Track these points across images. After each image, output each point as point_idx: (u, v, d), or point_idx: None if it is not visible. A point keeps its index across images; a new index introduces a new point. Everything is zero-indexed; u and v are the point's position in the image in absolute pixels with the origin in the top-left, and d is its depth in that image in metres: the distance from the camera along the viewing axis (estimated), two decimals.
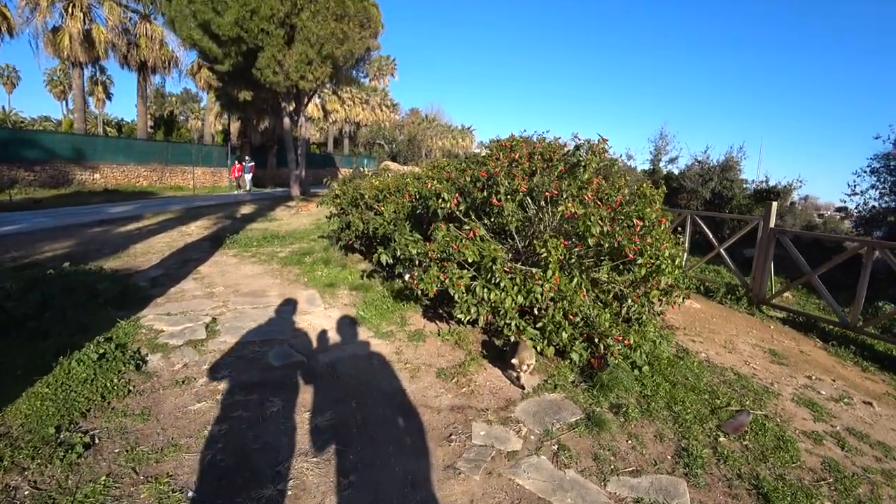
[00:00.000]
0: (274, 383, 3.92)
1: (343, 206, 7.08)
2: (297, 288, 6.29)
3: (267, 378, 3.99)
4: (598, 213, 4.63)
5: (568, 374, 4.40)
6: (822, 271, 6.11)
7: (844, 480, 3.44)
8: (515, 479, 3.11)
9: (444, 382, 4.15)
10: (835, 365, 5.40)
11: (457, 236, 4.94)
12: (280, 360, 4.30)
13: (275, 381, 3.96)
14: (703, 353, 5.21)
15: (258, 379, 3.98)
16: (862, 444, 3.96)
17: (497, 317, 4.61)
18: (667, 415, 4.02)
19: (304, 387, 3.91)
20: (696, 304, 6.86)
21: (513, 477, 3.12)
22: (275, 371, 4.12)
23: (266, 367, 4.17)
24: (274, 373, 4.09)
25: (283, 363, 4.26)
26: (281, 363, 4.26)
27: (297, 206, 14.91)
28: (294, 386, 3.91)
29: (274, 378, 4.00)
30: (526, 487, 3.05)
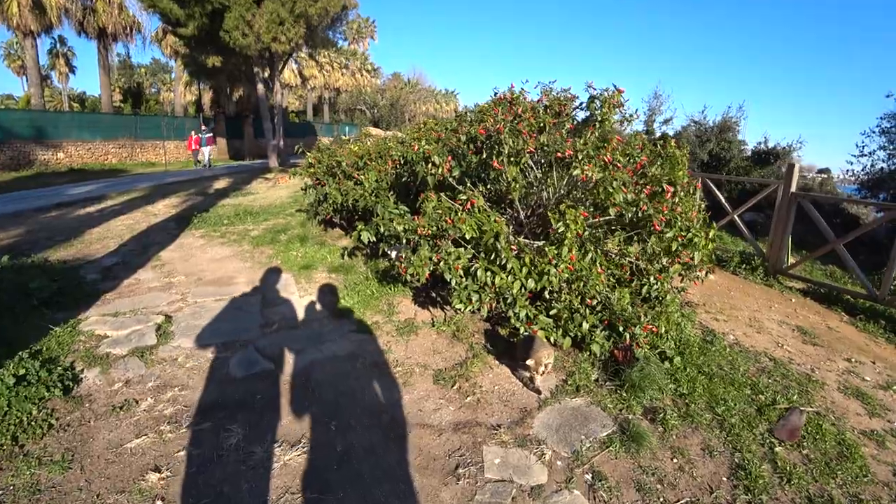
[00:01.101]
0: (235, 403, 2.98)
1: (318, 177, 6.01)
2: (270, 272, 5.26)
3: (227, 396, 3.05)
4: (621, 178, 3.71)
5: (590, 371, 3.55)
6: (848, 239, 5.36)
7: None
8: None
9: (444, 389, 3.25)
10: (868, 343, 4.70)
11: (450, 208, 3.98)
12: (244, 370, 3.34)
13: (236, 399, 3.02)
14: (731, 335, 4.43)
15: (216, 397, 3.03)
16: None
17: (503, 305, 3.70)
18: (710, 419, 3.22)
19: (273, 406, 2.98)
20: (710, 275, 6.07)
21: None
22: (237, 385, 3.17)
23: (226, 381, 3.22)
24: (236, 388, 3.14)
25: (247, 374, 3.30)
26: (245, 374, 3.30)
27: (274, 179, 13.59)
28: (260, 405, 2.98)
29: (235, 395, 3.06)
30: None
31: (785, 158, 9.09)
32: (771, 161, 9.39)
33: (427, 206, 4.09)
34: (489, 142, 4.07)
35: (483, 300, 3.59)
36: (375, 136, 7.32)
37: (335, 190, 5.65)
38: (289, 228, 6.95)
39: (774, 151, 9.49)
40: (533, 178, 4.54)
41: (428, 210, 4.04)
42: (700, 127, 10.33)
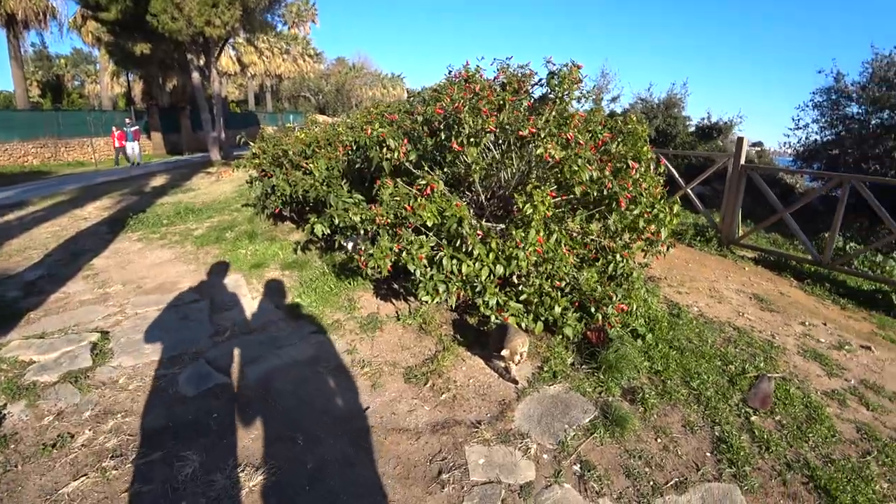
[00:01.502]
0: (188, 426, 2.62)
1: (264, 168, 5.54)
2: (217, 274, 4.80)
3: (178, 418, 2.67)
4: (586, 156, 3.55)
5: (565, 356, 3.41)
6: (795, 208, 5.53)
7: (887, 450, 2.87)
8: None
9: (417, 388, 3.01)
10: (817, 306, 4.86)
11: (408, 194, 3.71)
12: (195, 387, 2.96)
13: (189, 421, 2.65)
14: (695, 307, 4.43)
15: (166, 421, 2.65)
16: (882, 399, 3.42)
17: (471, 293, 3.50)
18: (686, 394, 3.17)
19: (231, 425, 2.64)
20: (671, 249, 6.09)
21: None
22: (189, 405, 2.79)
23: (176, 400, 2.84)
24: (187, 408, 2.76)
25: (199, 391, 2.93)
26: (196, 391, 2.93)
27: (217, 173, 12.67)
28: (216, 426, 2.63)
29: (188, 417, 2.69)
30: None
31: (727, 133, 9.38)
32: (714, 136, 9.67)
33: (384, 193, 3.80)
34: (447, 122, 3.81)
35: (451, 290, 3.37)
36: (323, 122, 6.83)
37: (283, 181, 5.22)
38: (235, 225, 6.43)
39: (717, 126, 9.77)
40: (491, 160, 4.33)
41: (385, 197, 3.75)
42: (647, 104, 10.49)
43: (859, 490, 2.54)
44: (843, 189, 5.01)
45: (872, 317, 4.75)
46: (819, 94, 8.17)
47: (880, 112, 7.21)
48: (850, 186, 4.98)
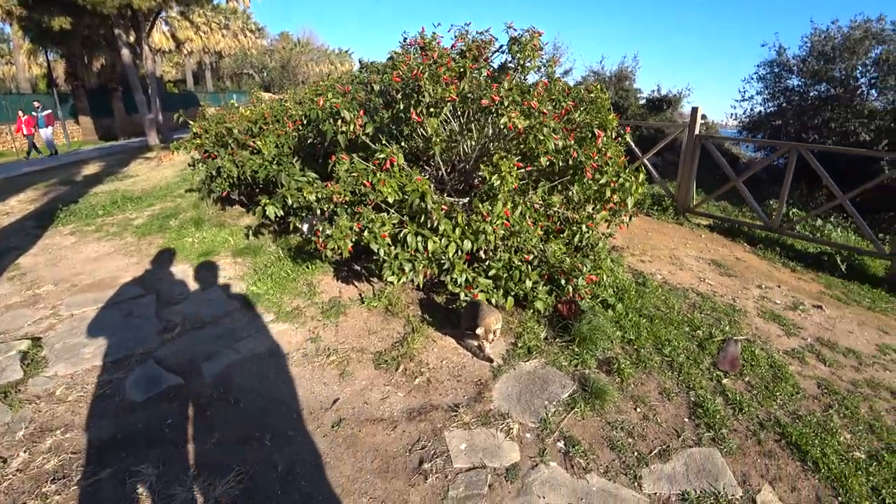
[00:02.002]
0: (140, 436, 2.31)
1: (207, 149, 5.06)
2: (163, 266, 4.37)
3: (128, 428, 2.36)
4: (551, 125, 3.40)
5: (538, 330, 3.30)
6: (746, 177, 5.65)
7: (846, 403, 2.98)
8: None
9: (388, 374, 2.81)
10: (770, 269, 5.00)
11: (366, 169, 3.46)
12: (145, 391, 2.63)
13: (140, 430, 2.34)
14: (658, 275, 4.44)
15: (114, 433, 2.33)
16: (837, 355, 3.55)
17: (438, 270, 3.31)
18: (660, 361, 3.15)
19: (189, 431, 2.35)
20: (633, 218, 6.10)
21: None
22: (139, 412, 2.47)
23: (124, 409, 2.50)
24: (138, 416, 2.44)
25: (149, 395, 2.60)
26: (146, 396, 2.60)
27: (157, 157, 11.68)
28: (172, 433, 2.34)
29: (139, 425, 2.38)
30: None
31: (676, 105, 9.59)
32: (664, 108, 9.85)
33: (340, 169, 3.53)
34: (405, 91, 3.55)
35: (417, 269, 3.17)
36: (269, 100, 6.34)
37: (229, 162, 4.79)
38: (180, 212, 5.90)
39: (667, 98, 9.95)
40: (451, 132, 4.11)
41: (341, 174, 3.48)
42: (599, 77, 10.52)
43: (826, 443, 2.60)
44: (791, 157, 5.15)
45: (819, 277, 4.95)
46: (763, 66, 8.47)
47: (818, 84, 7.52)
48: (797, 154, 5.12)
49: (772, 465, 2.47)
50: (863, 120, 6.92)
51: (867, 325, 4.01)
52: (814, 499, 2.34)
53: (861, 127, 6.87)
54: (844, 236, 6.10)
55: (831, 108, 7.28)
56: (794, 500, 2.32)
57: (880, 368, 3.44)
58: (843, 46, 7.08)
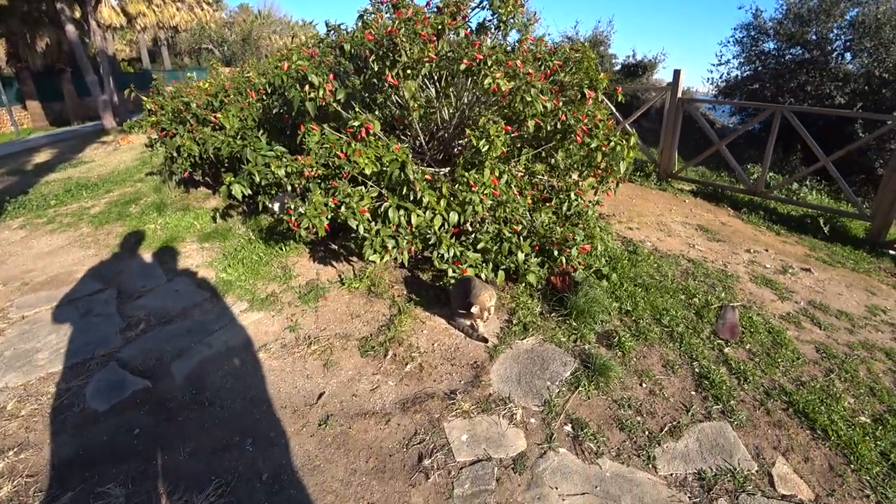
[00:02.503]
0: (105, 450, 2.02)
1: (164, 126, 4.58)
2: (123, 256, 3.96)
3: (91, 443, 2.06)
4: (536, 86, 3.15)
5: (531, 305, 3.11)
6: (729, 140, 5.54)
7: (845, 366, 2.92)
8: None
9: (376, 361, 2.57)
10: (756, 234, 4.93)
11: (339, 139, 3.15)
12: (108, 399, 2.32)
13: (105, 444, 2.05)
14: (648, 242, 4.29)
15: (75, 449, 2.03)
16: (830, 318, 3.48)
17: (421, 245, 3.06)
18: (659, 332, 3.01)
19: (160, 440, 2.07)
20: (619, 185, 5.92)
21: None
22: (102, 423, 2.17)
23: (86, 420, 2.20)
24: (101, 428, 2.15)
25: (113, 403, 2.30)
26: (110, 404, 2.30)
27: (114, 141, 10.77)
28: (142, 445, 2.06)
29: (103, 438, 2.08)
30: None
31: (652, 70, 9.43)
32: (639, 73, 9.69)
33: (310, 140, 3.20)
34: (379, 52, 3.21)
35: (401, 245, 2.91)
36: (229, 73, 5.81)
37: (189, 140, 4.35)
38: (140, 197, 5.40)
39: (643, 64, 9.76)
40: (428, 98, 3.82)
41: (312, 145, 3.15)
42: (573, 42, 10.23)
43: (832, 409, 2.52)
44: (775, 119, 5.05)
45: (803, 240, 4.91)
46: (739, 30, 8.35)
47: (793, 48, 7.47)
48: (780, 116, 5.03)
49: (783, 436, 2.37)
50: (838, 83, 6.92)
51: (855, 286, 3.98)
52: (827, 468, 2.25)
53: (836, 90, 6.86)
54: (819, 199, 6.13)
55: (807, 72, 7.26)
56: (807, 471, 2.22)
57: (872, 330, 3.41)
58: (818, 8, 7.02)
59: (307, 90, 3.09)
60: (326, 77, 3.15)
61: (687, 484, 2.03)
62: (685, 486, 2.02)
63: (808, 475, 2.20)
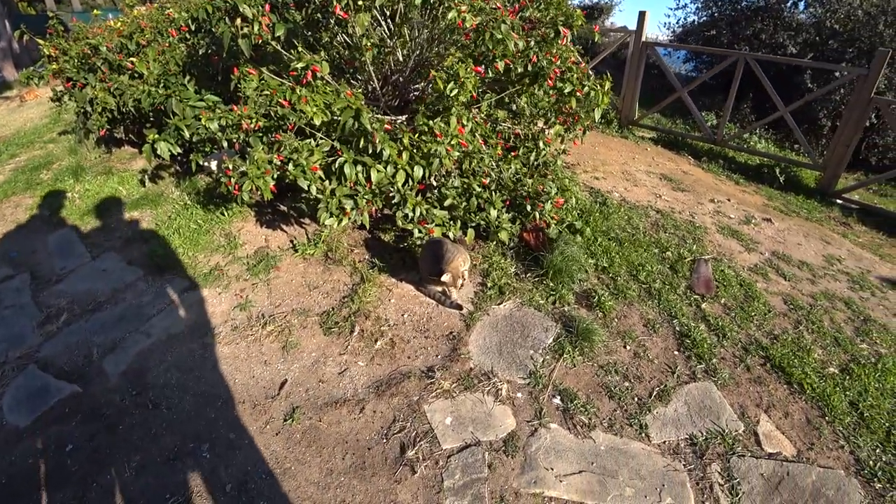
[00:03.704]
0: (31, 477, 1.66)
1: (71, 76, 3.82)
2: (36, 233, 3.35)
3: (14, 469, 1.71)
4: (507, 21, 2.82)
5: (505, 265, 2.91)
6: (692, 87, 5.44)
7: (811, 317, 2.98)
8: (545, 491, 1.69)
9: (342, 339, 2.28)
10: (717, 183, 4.93)
11: (281, 85, 2.73)
12: (30, 410, 1.94)
13: (31, 468, 1.69)
14: (615, 192, 4.15)
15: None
16: (792, 269, 3.53)
17: (386, 204, 2.77)
18: (637, 289, 2.91)
19: (100, 456, 1.73)
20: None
21: (539, 490, 1.70)
22: (26, 441, 1.80)
23: (6, 440, 1.82)
24: (25, 447, 1.77)
25: (37, 414, 1.92)
26: (33, 416, 1.91)
27: (17, 96, 9.15)
28: (77, 465, 1.71)
29: (27, 461, 1.72)
30: (565, 499, 1.68)
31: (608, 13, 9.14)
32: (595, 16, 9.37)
33: (247, 87, 2.73)
34: None
35: (360, 206, 2.59)
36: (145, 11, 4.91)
37: (102, 91, 3.67)
38: (52, 161, 4.59)
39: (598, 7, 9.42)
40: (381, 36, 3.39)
41: (250, 93, 2.69)
42: None
43: (805, 362, 2.55)
44: (738, 66, 4.96)
45: (761, 190, 4.98)
46: None
47: None
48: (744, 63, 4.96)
49: (763, 393, 2.36)
50: (790, 32, 6.94)
51: (811, 236, 4.07)
52: (804, 422, 2.27)
53: (789, 39, 6.88)
54: (766, 147, 6.27)
55: (761, 20, 7.23)
56: (788, 426, 2.23)
57: (831, 280, 3.50)
58: None
59: (239, 24, 2.59)
60: (262, 9, 2.65)
61: (680, 451, 1.95)
62: (679, 453, 1.94)
63: (790, 430, 2.21)
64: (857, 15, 6.62)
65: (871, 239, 4.38)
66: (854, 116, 4.63)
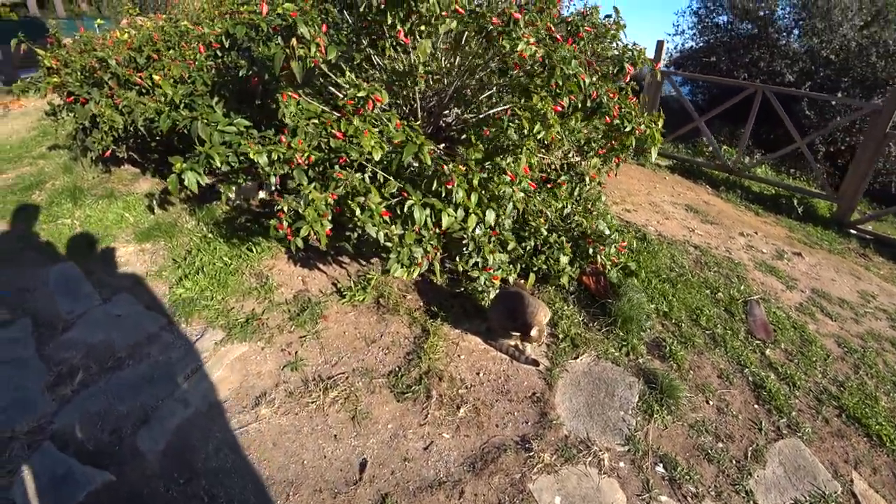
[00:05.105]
0: None
1: (73, 90, 3.46)
2: (33, 266, 2.96)
3: None
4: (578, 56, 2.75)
5: (570, 312, 2.77)
6: (709, 116, 5.52)
7: (866, 360, 2.98)
8: None
9: (418, 406, 2.03)
10: (739, 214, 4.95)
11: (322, 113, 2.58)
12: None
13: None
14: (651, 227, 4.05)
15: None
16: (835, 307, 3.54)
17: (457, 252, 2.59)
18: (702, 336, 2.80)
19: None
20: None
21: None
22: None
23: None
24: None
25: None
26: None
27: (1, 105, 8.55)
28: None
29: None
30: None
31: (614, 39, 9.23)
32: None
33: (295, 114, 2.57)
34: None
35: (429, 253, 2.42)
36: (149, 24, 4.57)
37: (108, 108, 3.34)
38: (45, 179, 4.12)
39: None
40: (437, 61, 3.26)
41: (300, 122, 2.52)
42: None
43: (876, 411, 2.52)
44: (756, 97, 5.08)
45: (780, 221, 5.03)
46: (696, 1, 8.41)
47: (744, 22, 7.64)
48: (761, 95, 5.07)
49: (847, 447, 2.29)
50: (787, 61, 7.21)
51: (841, 271, 4.09)
52: (893, 478, 2.25)
53: (786, 68, 7.15)
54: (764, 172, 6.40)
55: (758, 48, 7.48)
56: (879, 484, 2.16)
57: (872, 318, 3.50)
58: None
59: (295, 45, 2.40)
60: (319, 28, 2.47)
61: None
62: None
63: (881, 488, 2.14)
64: (849, 46, 6.93)
65: (891, 271, 4.47)
66: (869, 151, 4.77)
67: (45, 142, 5.03)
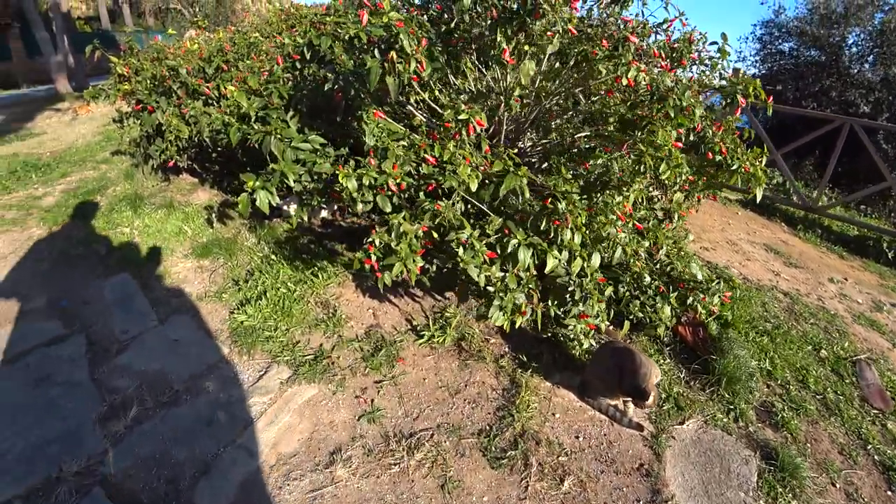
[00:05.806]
0: None
1: (141, 98, 3.43)
2: (89, 276, 2.87)
3: None
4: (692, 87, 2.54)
5: (670, 368, 2.51)
6: (786, 150, 5.22)
7: None
8: None
9: (515, 476, 1.79)
10: (821, 256, 4.62)
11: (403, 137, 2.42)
12: None
13: None
14: (733, 269, 3.76)
15: None
16: None
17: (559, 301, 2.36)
18: (813, 402, 2.50)
19: None
20: None
21: None
22: None
23: None
24: None
25: None
26: None
27: (70, 109, 8.49)
28: None
29: None
30: None
31: None
32: None
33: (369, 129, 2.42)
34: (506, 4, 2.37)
35: (533, 301, 2.21)
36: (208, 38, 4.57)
37: (175, 117, 3.27)
38: (107, 185, 4.12)
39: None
40: None
41: (391, 145, 2.35)
42: None
43: None
44: (843, 131, 4.77)
45: (867, 265, 4.66)
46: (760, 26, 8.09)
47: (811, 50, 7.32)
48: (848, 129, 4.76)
49: None
50: (861, 90, 6.86)
51: None
52: None
53: (860, 97, 6.80)
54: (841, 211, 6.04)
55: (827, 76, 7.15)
56: None
57: None
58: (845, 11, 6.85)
59: (394, 59, 2.23)
60: (419, 41, 2.30)
61: None
62: None
63: None
64: None
65: None
66: None
67: (109, 147, 5.04)
